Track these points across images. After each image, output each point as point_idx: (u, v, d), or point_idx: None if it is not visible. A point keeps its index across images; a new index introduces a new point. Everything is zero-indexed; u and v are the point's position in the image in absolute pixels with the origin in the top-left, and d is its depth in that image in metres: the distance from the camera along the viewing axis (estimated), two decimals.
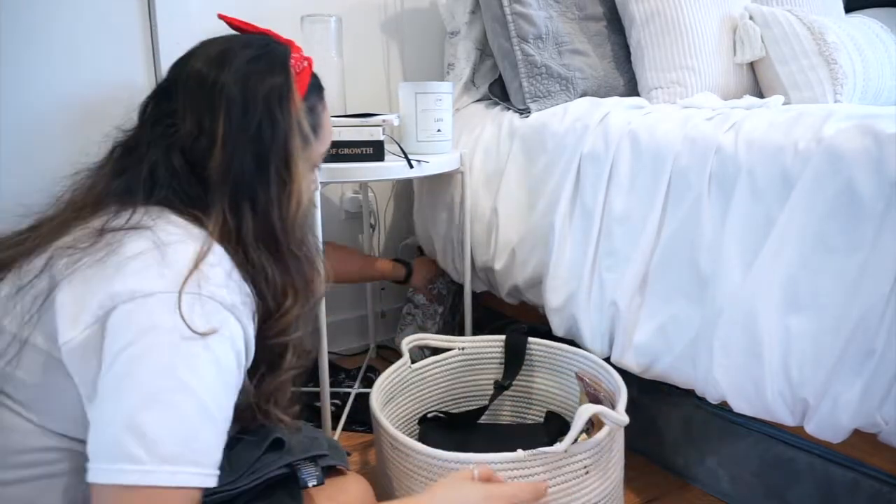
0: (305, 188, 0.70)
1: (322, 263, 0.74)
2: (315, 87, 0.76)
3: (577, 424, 0.81)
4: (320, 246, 0.79)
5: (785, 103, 1.18)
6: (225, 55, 0.69)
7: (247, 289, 0.64)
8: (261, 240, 0.66)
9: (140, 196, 0.65)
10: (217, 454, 0.59)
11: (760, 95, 1.44)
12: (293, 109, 0.68)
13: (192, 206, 0.65)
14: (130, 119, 0.73)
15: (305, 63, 0.76)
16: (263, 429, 0.75)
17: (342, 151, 1.17)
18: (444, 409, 1.20)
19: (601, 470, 0.87)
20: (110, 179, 0.68)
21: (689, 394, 1.06)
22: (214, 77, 0.67)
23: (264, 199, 0.66)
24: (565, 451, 0.81)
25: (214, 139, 0.65)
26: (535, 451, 0.81)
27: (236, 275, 0.63)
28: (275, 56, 0.71)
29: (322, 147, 0.78)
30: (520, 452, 0.81)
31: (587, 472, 0.85)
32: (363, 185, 1.70)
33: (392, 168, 1.19)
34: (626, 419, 0.84)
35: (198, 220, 0.64)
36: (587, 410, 0.82)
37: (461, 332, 1.54)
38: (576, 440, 0.82)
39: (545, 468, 0.82)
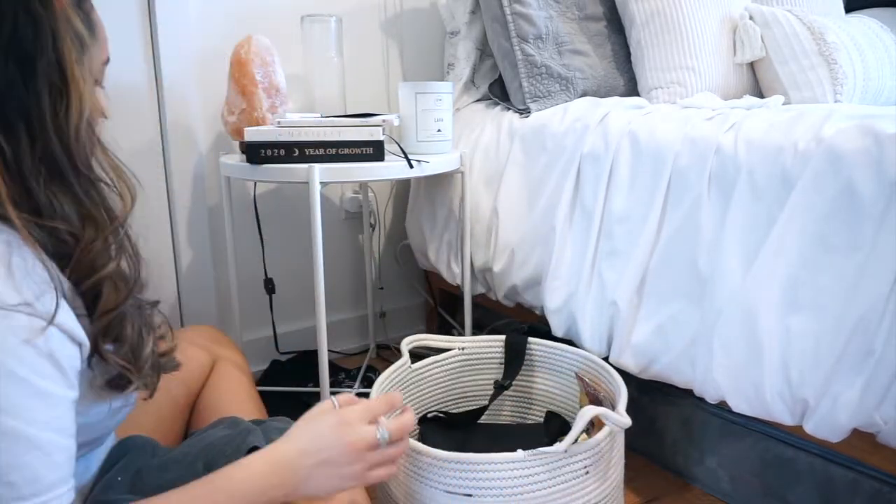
0: (88, 96, 0.58)
1: (124, 179, 0.62)
2: None
3: (578, 425, 0.81)
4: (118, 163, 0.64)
5: (785, 103, 1.18)
6: None
7: (32, 259, 0.53)
8: (43, 165, 0.55)
9: None
10: (52, 473, 0.52)
11: (760, 95, 1.44)
12: (57, 4, 0.56)
13: None
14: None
15: None
16: (239, 436, 0.74)
17: (342, 151, 1.17)
18: (444, 409, 1.20)
19: (601, 470, 0.87)
20: None
21: (689, 394, 1.06)
22: None
23: (38, 115, 0.54)
24: (565, 452, 0.81)
25: None
26: (535, 451, 0.81)
27: (20, 252, 0.52)
28: None
29: (101, 52, 0.64)
30: (520, 452, 0.81)
31: (587, 473, 0.85)
32: (363, 185, 1.70)
33: (392, 168, 1.19)
34: (628, 421, 0.84)
35: None
36: (589, 412, 0.82)
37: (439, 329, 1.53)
38: (576, 440, 0.82)
39: (545, 468, 0.82)
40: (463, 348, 1.21)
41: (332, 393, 1.31)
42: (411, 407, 1.14)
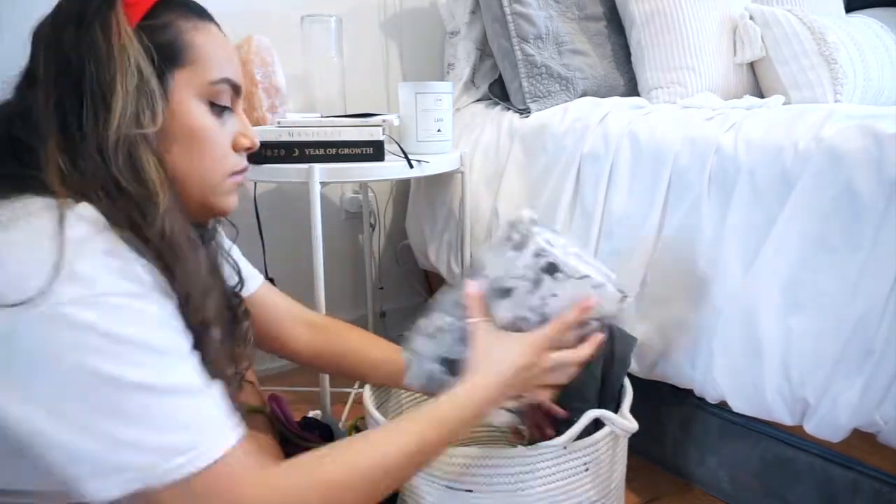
0: (132, 116, 0.58)
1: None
2: (174, 4, 0.64)
3: (581, 423, 0.80)
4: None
5: (785, 103, 1.18)
6: None
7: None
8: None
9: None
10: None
11: (760, 95, 1.44)
12: (114, 25, 0.58)
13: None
14: None
15: None
16: None
17: (342, 151, 1.17)
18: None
19: (603, 469, 0.86)
20: None
21: (689, 394, 1.06)
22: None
23: (88, 137, 0.57)
24: (565, 448, 0.81)
25: (35, 73, 0.59)
26: (534, 445, 0.81)
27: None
28: None
29: (204, 73, 0.64)
30: (519, 447, 0.81)
31: (587, 470, 0.84)
32: (363, 185, 1.70)
33: (392, 168, 1.19)
34: (633, 426, 0.82)
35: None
36: (593, 413, 0.82)
37: None
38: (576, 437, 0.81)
39: (545, 463, 0.80)
40: None
41: (332, 393, 1.30)
42: (407, 410, 1.12)
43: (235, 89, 0.68)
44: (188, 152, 0.63)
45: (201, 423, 0.53)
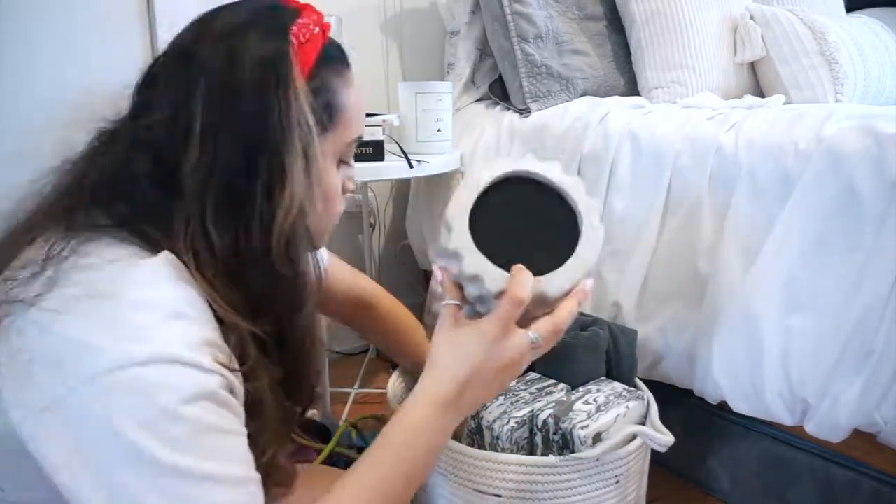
0: (307, 192, 0.55)
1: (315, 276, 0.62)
2: (329, 60, 0.59)
3: (616, 437, 0.80)
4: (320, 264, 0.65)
5: (786, 103, 1.18)
6: (211, 20, 0.58)
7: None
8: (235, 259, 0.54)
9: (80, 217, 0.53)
10: None
11: (761, 95, 1.44)
12: (292, 90, 0.54)
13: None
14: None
15: (316, 29, 0.58)
16: None
17: None
18: None
19: (632, 481, 0.85)
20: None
21: (689, 394, 1.06)
22: (193, 46, 0.56)
23: (250, 209, 0.53)
24: (597, 459, 0.80)
25: (190, 129, 0.52)
26: (566, 456, 0.80)
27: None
28: (271, 20, 0.56)
29: (346, 135, 0.61)
30: (551, 457, 0.80)
31: (617, 482, 0.82)
32: (363, 185, 1.69)
33: (392, 168, 1.19)
34: (670, 439, 0.81)
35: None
36: (629, 429, 0.81)
37: None
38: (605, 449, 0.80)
39: (577, 474, 0.80)
40: None
41: (332, 393, 1.31)
42: None
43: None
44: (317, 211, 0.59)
45: None
